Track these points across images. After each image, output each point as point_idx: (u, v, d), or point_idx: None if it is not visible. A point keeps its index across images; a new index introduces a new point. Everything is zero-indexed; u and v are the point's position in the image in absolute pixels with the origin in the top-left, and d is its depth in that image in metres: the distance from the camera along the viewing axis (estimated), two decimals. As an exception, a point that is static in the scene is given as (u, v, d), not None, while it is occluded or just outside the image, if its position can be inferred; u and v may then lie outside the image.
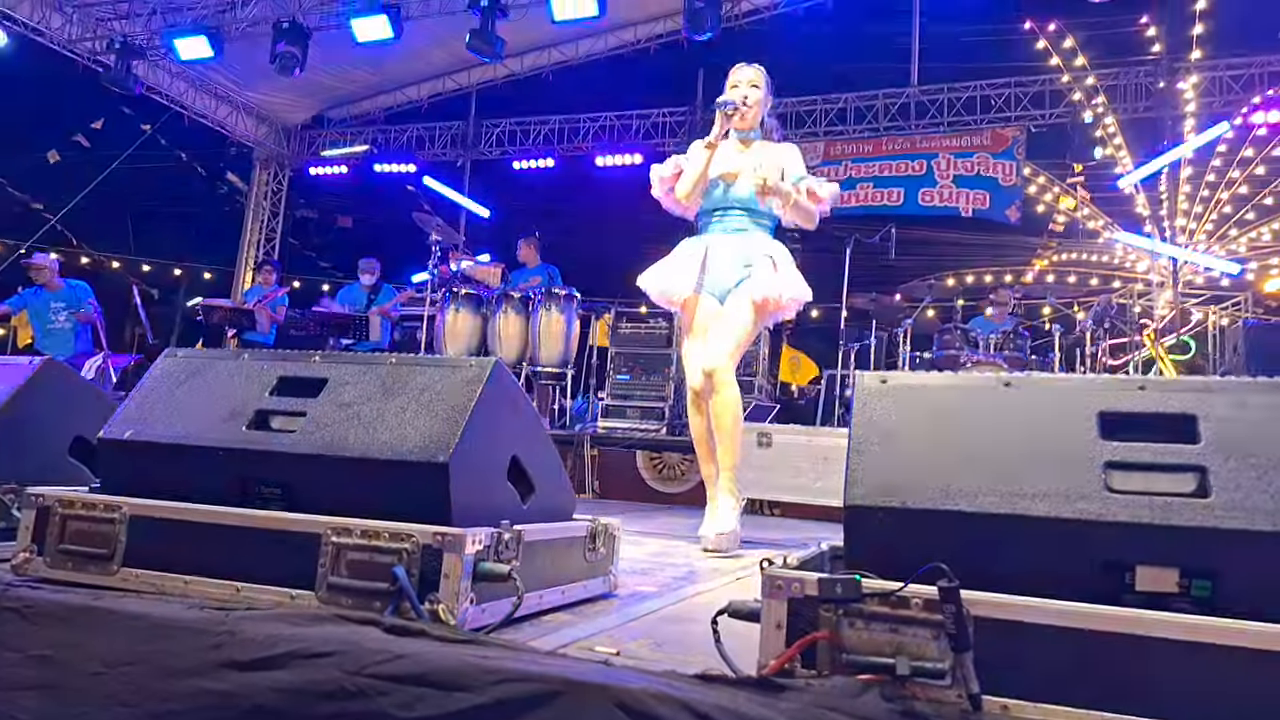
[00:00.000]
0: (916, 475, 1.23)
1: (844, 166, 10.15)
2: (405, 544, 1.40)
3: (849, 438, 1.33)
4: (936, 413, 1.30)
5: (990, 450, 1.24)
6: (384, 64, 10.94)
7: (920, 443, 1.27)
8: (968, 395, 1.31)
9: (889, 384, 1.35)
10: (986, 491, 1.20)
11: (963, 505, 1.19)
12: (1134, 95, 9.73)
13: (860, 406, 1.34)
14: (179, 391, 1.76)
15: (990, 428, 1.27)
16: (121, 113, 12.41)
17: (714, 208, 3.17)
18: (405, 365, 1.68)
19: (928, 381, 1.35)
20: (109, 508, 1.56)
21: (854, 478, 1.26)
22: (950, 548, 1.16)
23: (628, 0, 8.02)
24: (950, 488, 1.21)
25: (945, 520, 1.20)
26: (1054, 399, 1.27)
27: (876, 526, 1.23)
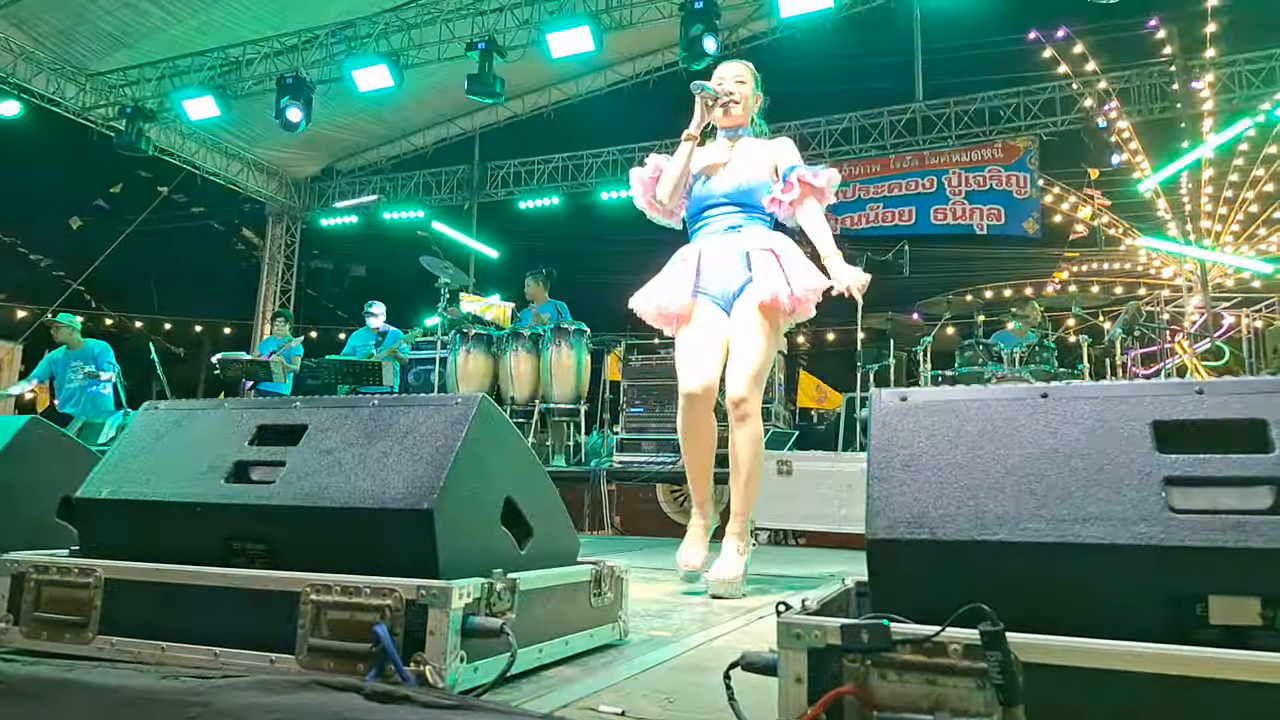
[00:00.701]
0: (947, 503, 1.10)
1: (853, 189, 10.04)
2: (388, 600, 1.30)
3: (868, 463, 1.20)
4: (965, 431, 1.17)
5: (1030, 471, 1.10)
6: (387, 113, 11.06)
7: (949, 466, 1.14)
8: (1000, 410, 1.18)
9: (910, 402, 1.23)
10: (1029, 518, 1.06)
11: (1002, 535, 1.06)
12: (1149, 97, 9.59)
13: (879, 428, 1.21)
14: (158, 446, 1.67)
15: (1028, 445, 1.13)
16: (139, 176, 12.64)
17: (701, 208, 2.86)
18: (388, 407, 1.58)
19: (953, 396, 1.22)
20: (84, 572, 1.47)
21: (876, 508, 1.13)
22: (990, 584, 1.03)
23: (625, 36, 8.02)
24: (987, 515, 1.08)
25: (983, 552, 1.06)
26: (1099, 410, 1.14)
27: (904, 562, 1.10)
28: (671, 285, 2.79)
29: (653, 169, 2.92)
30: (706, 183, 2.84)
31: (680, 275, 2.79)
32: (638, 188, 2.95)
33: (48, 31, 8.91)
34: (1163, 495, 1.05)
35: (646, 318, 2.86)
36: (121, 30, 8.98)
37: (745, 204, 2.80)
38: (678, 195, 2.86)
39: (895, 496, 1.13)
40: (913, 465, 1.15)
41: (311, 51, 8.80)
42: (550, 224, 11.32)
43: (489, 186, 11.89)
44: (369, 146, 12.30)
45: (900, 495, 1.13)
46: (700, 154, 2.87)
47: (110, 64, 9.52)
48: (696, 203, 2.87)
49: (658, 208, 2.90)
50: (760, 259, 2.70)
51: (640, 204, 2.96)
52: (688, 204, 2.89)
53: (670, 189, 2.83)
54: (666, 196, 2.84)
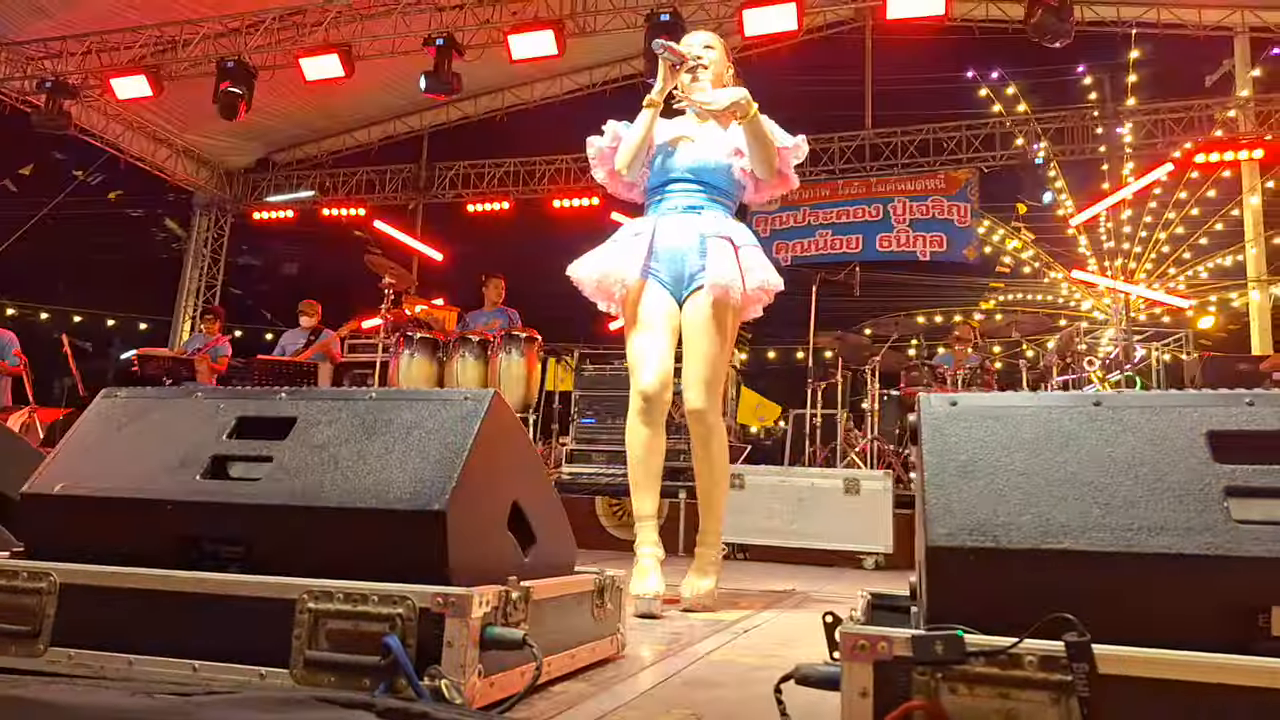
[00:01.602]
0: (1007, 510, 1.07)
1: (803, 213, 10.26)
2: (399, 609, 1.18)
3: (920, 469, 1.16)
4: (1021, 438, 1.14)
5: (1090, 479, 1.08)
6: (333, 106, 10.74)
7: (1008, 473, 1.11)
8: (1055, 417, 1.15)
9: (960, 407, 1.19)
10: (1094, 526, 1.03)
11: (1067, 543, 1.03)
12: (1077, 138, 10.01)
13: (930, 433, 1.17)
14: (119, 437, 1.51)
15: (1084, 453, 1.11)
16: (53, 157, 11.97)
17: (663, 180, 2.64)
18: (388, 400, 1.46)
19: (1006, 403, 1.19)
20: (34, 576, 1.30)
21: (935, 514, 1.08)
22: (1053, 593, 1.00)
23: (585, 43, 7.97)
24: (1050, 523, 1.05)
25: (1047, 561, 1.03)
26: (1153, 419, 1.13)
27: (965, 570, 1.05)
28: (622, 258, 2.56)
29: (611, 137, 2.69)
30: (670, 156, 2.63)
31: (632, 249, 2.57)
32: (596, 159, 2.73)
33: (-40, -5, 8.37)
34: (1224, 506, 1.04)
35: (585, 288, 2.61)
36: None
37: (709, 184, 2.61)
38: (638, 165, 2.64)
39: (954, 503, 1.09)
40: (970, 472, 1.11)
41: (256, 35, 8.47)
42: (501, 229, 11.13)
43: (436, 188, 11.64)
44: (309, 139, 11.90)
45: (959, 502, 1.09)
46: (666, 125, 2.68)
47: (30, 34, 8.97)
48: (657, 175, 2.66)
49: (618, 179, 2.70)
50: (716, 246, 2.52)
51: (600, 176, 2.74)
52: (649, 175, 2.68)
53: (629, 158, 2.60)
54: (625, 166, 2.61)
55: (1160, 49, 9.80)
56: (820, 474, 5.14)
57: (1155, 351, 9.90)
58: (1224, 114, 9.47)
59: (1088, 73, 10.63)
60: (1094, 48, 9.91)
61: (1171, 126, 9.62)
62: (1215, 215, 10.93)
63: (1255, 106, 9.39)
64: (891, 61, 10.32)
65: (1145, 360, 10.07)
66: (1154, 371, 9.53)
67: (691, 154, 2.62)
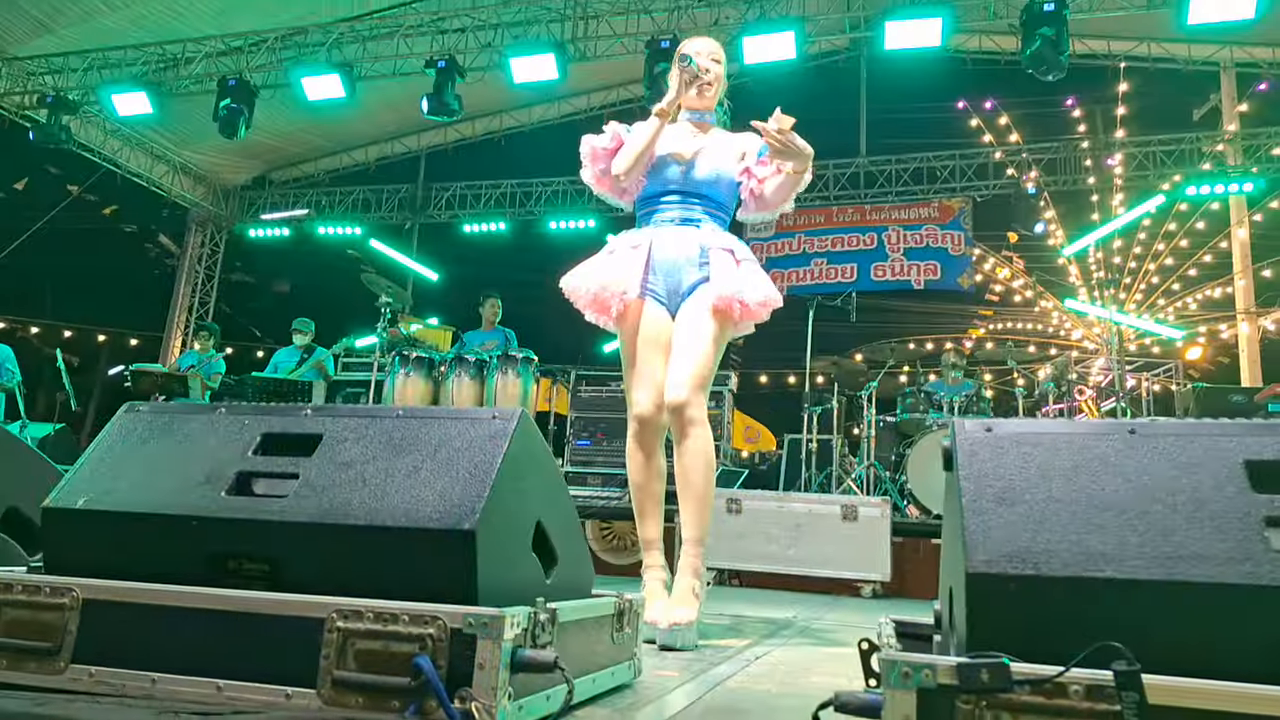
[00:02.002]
0: (1048, 537, 1.07)
1: (798, 240, 10.33)
2: (429, 629, 1.17)
3: (954, 494, 1.16)
4: (1057, 465, 1.15)
5: (1128, 507, 1.09)
6: (331, 126, 10.78)
7: (1046, 500, 1.11)
8: (1090, 444, 1.16)
9: (995, 433, 1.20)
10: (1134, 555, 1.04)
11: (1109, 571, 1.03)
12: (1068, 169, 10.14)
13: (966, 459, 1.17)
14: (143, 452, 1.50)
15: (1123, 481, 1.12)
16: (47, 172, 11.94)
17: (660, 191, 2.54)
18: (415, 418, 1.46)
19: (1041, 429, 1.20)
20: (56, 591, 1.29)
21: (974, 541, 1.09)
22: (1095, 621, 1.01)
23: (584, 68, 8.04)
24: (1090, 551, 1.05)
25: (1090, 589, 1.03)
26: (1188, 447, 1.13)
27: (1005, 598, 1.05)
28: (620, 270, 2.45)
29: (612, 137, 2.57)
30: (668, 167, 2.53)
31: (630, 263, 2.46)
32: (588, 158, 2.59)
33: (-36, 9, 8.39)
34: (1265, 535, 1.05)
35: (579, 299, 2.49)
36: (49, 14, 8.51)
37: (707, 196, 2.53)
38: (637, 172, 2.52)
39: (993, 529, 1.09)
40: (1008, 498, 1.12)
41: (258, 55, 8.50)
42: (496, 250, 11.17)
43: (432, 208, 11.67)
44: (307, 158, 11.93)
45: (998, 528, 1.09)
46: (664, 135, 2.57)
47: (32, 49, 8.99)
48: (654, 186, 2.55)
49: (608, 182, 2.57)
50: (719, 258, 2.45)
51: (588, 176, 2.61)
52: (646, 184, 2.57)
53: (630, 164, 2.48)
54: (624, 171, 2.49)
55: (1149, 82, 9.98)
56: (818, 500, 5.13)
57: (1145, 382, 10.01)
58: (1212, 148, 9.62)
59: (1078, 105, 10.81)
60: (1085, 80, 10.09)
61: (1162, 159, 9.77)
62: (1204, 248, 11.07)
63: (1243, 141, 9.55)
64: (886, 90, 10.48)
65: (1136, 390, 10.16)
66: (1144, 402, 9.61)
67: (690, 166, 2.53)
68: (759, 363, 12.54)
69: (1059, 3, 6.48)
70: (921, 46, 6.94)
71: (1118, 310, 11.61)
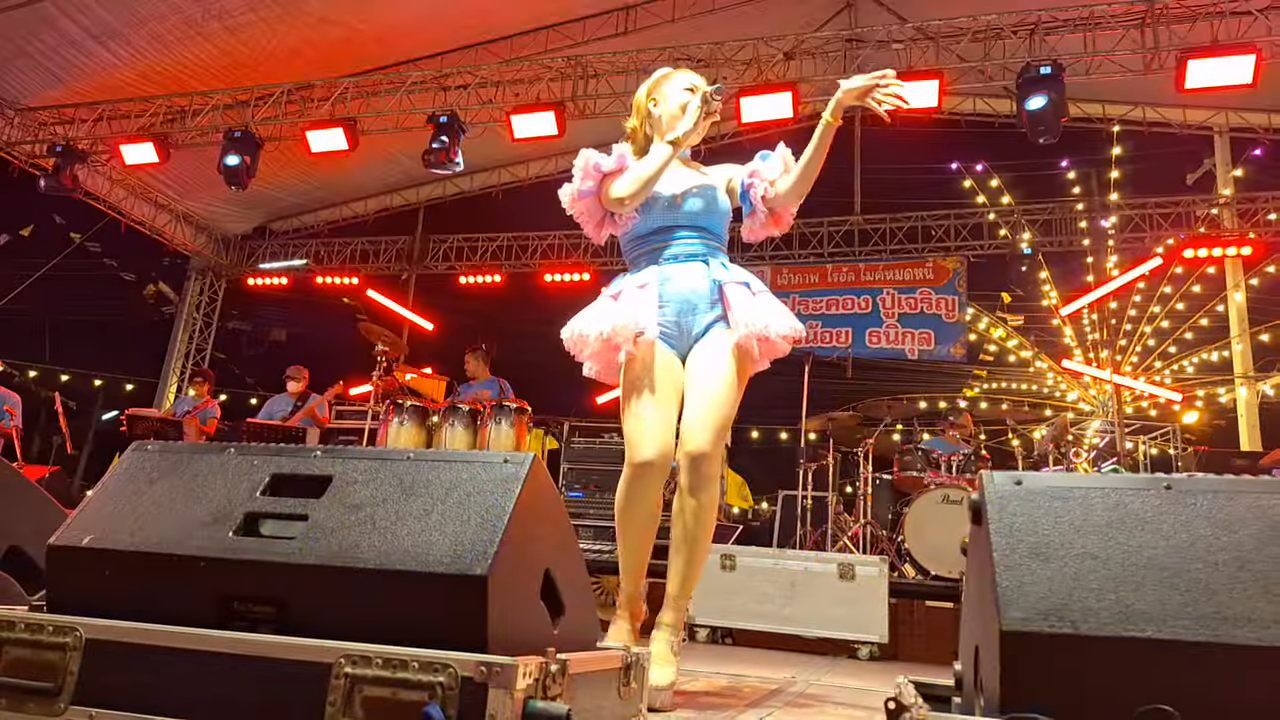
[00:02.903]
0: (1085, 595, 1.06)
1: (793, 300, 10.41)
2: (440, 677, 1.15)
3: (983, 549, 1.15)
4: (1092, 520, 1.14)
5: (1168, 564, 1.07)
6: (333, 178, 10.92)
7: (1082, 556, 1.10)
8: (1123, 499, 1.15)
9: (1026, 486, 1.19)
10: (1175, 615, 1.02)
11: (1150, 631, 1.01)
12: (1062, 230, 10.30)
13: (996, 513, 1.16)
14: (150, 492, 1.49)
15: (1162, 538, 1.10)
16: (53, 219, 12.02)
17: (656, 228, 2.38)
18: (426, 461, 1.46)
19: (1071, 483, 1.19)
20: (60, 630, 1.27)
21: (1008, 598, 1.07)
22: (1134, 683, 0.98)
23: (581, 124, 8.20)
24: (1130, 610, 1.03)
25: (1130, 649, 1.01)
26: (1228, 505, 1.12)
27: (1041, 657, 1.04)
28: (631, 312, 2.26)
29: (617, 160, 2.38)
30: (661, 201, 2.37)
31: (641, 302, 2.28)
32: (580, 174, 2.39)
33: (-20, 62, 8.56)
34: (1314, 598, 1.03)
35: (585, 346, 2.28)
36: (62, 68, 8.68)
37: (708, 229, 2.39)
38: (641, 200, 2.34)
39: (1027, 586, 1.08)
40: (1041, 553, 1.11)
41: (263, 108, 8.66)
42: (492, 301, 11.25)
43: (430, 259, 11.77)
44: (308, 209, 12.07)
45: (1033, 585, 1.08)
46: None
47: (44, 100, 9.15)
48: (650, 221, 2.39)
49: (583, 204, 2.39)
50: (735, 293, 2.31)
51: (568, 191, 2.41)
52: (637, 219, 2.40)
53: (638, 188, 2.30)
54: (628, 197, 2.30)
55: (1143, 146, 10.19)
56: (814, 557, 5.08)
57: (1143, 444, 10.03)
58: (1208, 211, 9.78)
59: (1071, 167, 11.02)
60: (1078, 143, 10.31)
61: (1159, 221, 9.92)
62: (1200, 310, 11.18)
63: (1238, 205, 9.71)
64: (880, 150, 10.67)
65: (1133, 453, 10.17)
66: (1141, 464, 9.60)
67: (688, 200, 2.39)
68: (752, 418, 12.53)
69: (1055, 67, 6.65)
70: (916, 107, 7.10)
71: (1113, 372, 11.67)
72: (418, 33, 8.75)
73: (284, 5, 8.02)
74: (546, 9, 8.84)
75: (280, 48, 8.56)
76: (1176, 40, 6.88)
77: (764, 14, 8.71)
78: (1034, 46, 7.11)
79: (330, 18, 8.24)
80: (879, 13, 8.74)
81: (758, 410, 12.47)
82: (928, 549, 5.64)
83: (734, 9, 8.79)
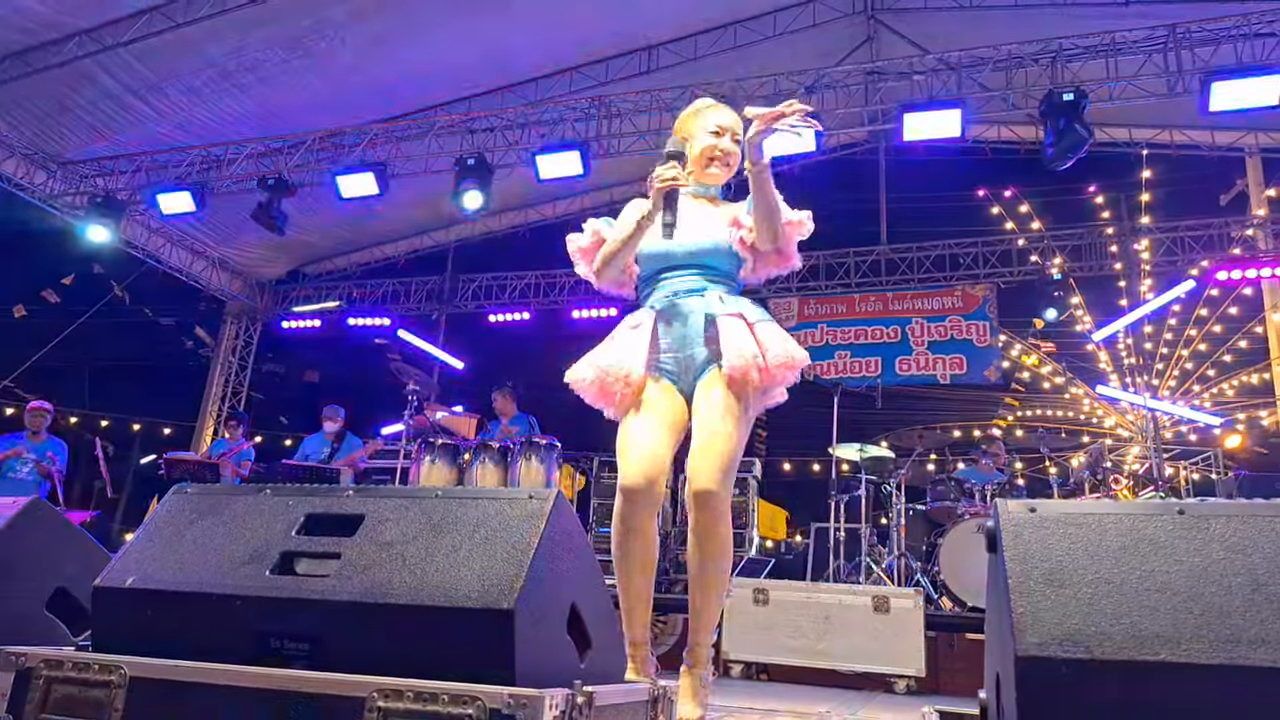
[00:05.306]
0: (1098, 619, 1.06)
1: (820, 330, 10.36)
2: (469, 709, 1.18)
3: (1003, 576, 1.16)
4: (1106, 546, 1.15)
5: (1181, 589, 1.08)
6: (364, 221, 11.15)
7: (1096, 581, 1.11)
8: (1136, 525, 1.16)
9: (1039, 514, 1.20)
10: (1190, 638, 1.02)
11: (1165, 655, 1.02)
12: (1093, 254, 10.20)
13: (1011, 540, 1.18)
14: (190, 533, 1.54)
15: (1173, 562, 1.11)
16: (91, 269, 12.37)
17: (659, 268, 2.39)
18: (454, 499, 1.50)
19: (1084, 509, 1.21)
20: (105, 669, 1.31)
21: (1024, 624, 1.08)
22: (1149, 705, 0.99)
23: (606, 163, 8.32)
24: (1144, 633, 1.04)
25: (1144, 673, 1.01)
26: (1240, 529, 1.13)
27: (1057, 681, 1.04)
28: (622, 352, 2.30)
29: (591, 236, 2.48)
30: (662, 244, 2.33)
31: (632, 343, 2.31)
32: (576, 257, 2.52)
33: (26, 118, 8.88)
34: (1320, 619, 1.03)
35: (586, 392, 2.34)
36: (103, 122, 8.99)
37: (709, 266, 2.37)
38: (612, 275, 2.41)
39: (1042, 611, 1.09)
40: (1056, 579, 1.12)
41: (295, 155, 8.89)
42: (521, 339, 11.36)
43: (459, 298, 11.94)
44: (340, 252, 12.31)
45: (1047, 610, 1.09)
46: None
47: (86, 154, 9.47)
48: (652, 263, 2.41)
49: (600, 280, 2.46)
50: (728, 325, 2.26)
51: (583, 273, 2.53)
52: (640, 268, 2.44)
53: (602, 266, 2.39)
54: (599, 272, 2.41)
55: (1173, 169, 10.09)
56: (848, 590, 5.02)
57: (1184, 470, 9.81)
58: (1241, 232, 9.64)
59: (1100, 191, 10.93)
60: (1106, 167, 10.24)
61: (1191, 244, 9.78)
62: (1238, 333, 10.98)
63: (1273, 225, 9.56)
64: (906, 179, 10.68)
65: (1174, 479, 9.96)
66: (1183, 491, 9.38)
67: (687, 236, 2.34)
68: (783, 450, 12.47)
69: (1078, 93, 6.64)
70: (939, 137, 7.12)
71: (1151, 397, 11.47)
72: (444, 78, 8.97)
73: (315, 55, 8.28)
74: (570, 51, 9.02)
75: (311, 97, 8.81)
76: (1200, 63, 6.85)
77: (785, 49, 8.81)
78: (1056, 74, 7.11)
79: (360, 66, 8.48)
80: (900, 44, 8.81)
81: (789, 443, 12.44)
82: (964, 580, 5.55)
83: (755, 45, 8.91)
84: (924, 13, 8.81)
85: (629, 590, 2.22)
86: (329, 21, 7.91)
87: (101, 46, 7.86)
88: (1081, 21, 7.64)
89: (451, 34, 8.26)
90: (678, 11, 8.80)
